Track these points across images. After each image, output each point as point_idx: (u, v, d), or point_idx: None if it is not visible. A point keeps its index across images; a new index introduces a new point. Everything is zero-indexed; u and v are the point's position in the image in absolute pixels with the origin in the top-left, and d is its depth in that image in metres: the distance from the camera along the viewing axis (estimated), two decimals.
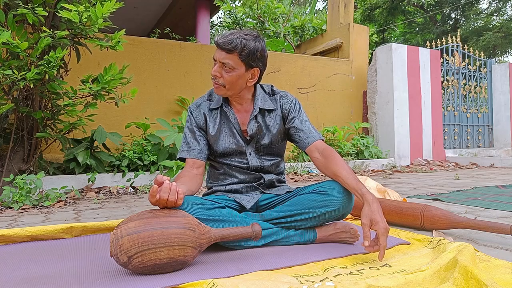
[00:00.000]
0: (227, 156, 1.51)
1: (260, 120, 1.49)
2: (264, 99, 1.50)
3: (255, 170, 1.52)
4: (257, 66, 1.41)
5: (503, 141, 6.96)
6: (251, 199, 1.49)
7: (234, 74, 1.37)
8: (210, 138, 1.51)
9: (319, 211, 1.34)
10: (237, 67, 1.36)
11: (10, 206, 2.46)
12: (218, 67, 1.37)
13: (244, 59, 1.36)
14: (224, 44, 1.33)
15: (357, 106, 5.93)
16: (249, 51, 1.35)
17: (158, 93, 4.41)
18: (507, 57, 19.83)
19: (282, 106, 1.51)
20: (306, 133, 1.47)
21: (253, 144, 1.50)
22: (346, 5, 6.19)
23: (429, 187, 3.22)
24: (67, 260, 1.27)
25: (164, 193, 1.10)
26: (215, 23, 12.70)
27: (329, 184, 1.37)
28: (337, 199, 1.34)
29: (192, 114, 1.51)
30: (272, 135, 1.51)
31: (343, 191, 1.35)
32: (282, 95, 1.54)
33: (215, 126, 1.49)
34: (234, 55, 1.34)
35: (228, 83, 1.38)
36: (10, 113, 2.95)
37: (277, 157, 1.57)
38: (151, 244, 1.06)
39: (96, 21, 2.46)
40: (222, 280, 0.99)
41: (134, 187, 3.25)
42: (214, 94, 1.53)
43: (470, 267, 0.96)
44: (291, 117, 1.50)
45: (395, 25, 17.59)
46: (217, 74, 1.37)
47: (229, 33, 1.37)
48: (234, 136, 1.49)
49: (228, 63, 1.35)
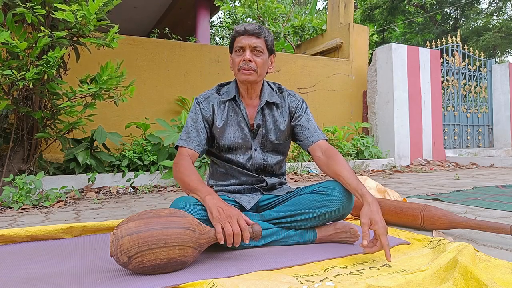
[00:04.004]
0: (232, 151, 1.50)
1: (267, 113, 1.52)
2: (271, 94, 1.54)
3: (258, 170, 1.52)
4: (274, 53, 1.51)
5: (503, 141, 6.96)
6: (251, 200, 1.48)
7: (264, 58, 1.45)
8: (215, 131, 1.50)
9: (319, 211, 1.34)
10: (265, 51, 1.45)
11: (10, 206, 2.46)
12: (249, 52, 1.42)
13: (269, 44, 1.46)
14: (254, 29, 1.42)
15: (357, 106, 5.93)
16: (271, 38, 1.48)
17: (158, 93, 4.41)
18: (507, 57, 19.83)
19: (290, 104, 1.55)
20: (311, 131, 1.50)
21: (259, 139, 1.51)
22: (346, 5, 6.19)
23: (429, 187, 3.22)
24: (67, 260, 1.27)
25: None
26: (215, 23, 12.69)
27: (329, 184, 1.38)
28: (337, 200, 1.34)
29: (200, 104, 1.51)
30: (279, 131, 1.52)
31: (343, 192, 1.35)
32: (290, 93, 1.58)
33: (222, 119, 1.50)
34: (262, 39, 1.43)
35: (260, 66, 1.43)
36: (10, 113, 2.95)
37: (282, 155, 1.57)
38: (151, 244, 1.06)
39: (90, 18, 2.46)
40: (222, 280, 0.99)
41: (134, 187, 3.25)
42: (223, 89, 1.56)
43: (470, 267, 0.96)
44: (297, 115, 1.53)
45: (395, 25, 17.59)
46: (251, 58, 1.42)
47: (249, 23, 1.46)
48: (242, 129, 1.50)
49: (259, 46, 1.42)
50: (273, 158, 1.54)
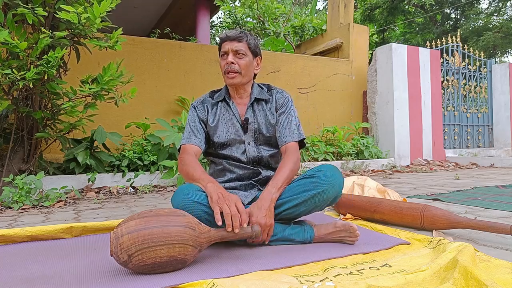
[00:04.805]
0: (227, 147, 1.58)
1: (256, 109, 1.61)
2: (260, 92, 1.64)
3: (253, 162, 1.58)
4: (259, 55, 1.61)
5: (503, 141, 6.96)
6: (249, 195, 1.53)
7: (247, 60, 1.54)
8: (209, 129, 1.60)
9: (307, 194, 1.37)
10: (248, 53, 1.54)
11: (10, 206, 2.46)
12: (232, 55, 1.51)
13: (251, 47, 1.55)
14: (235, 35, 1.52)
15: (357, 106, 5.93)
16: (254, 40, 1.57)
17: (158, 93, 4.41)
18: (507, 57, 19.84)
19: (276, 100, 1.63)
20: (286, 132, 1.56)
21: (251, 134, 1.59)
22: (346, 5, 6.20)
23: (429, 187, 3.22)
24: (67, 260, 1.27)
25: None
26: (215, 23, 12.69)
27: (317, 168, 1.42)
28: (324, 180, 1.36)
29: (196, 108, 1.62)
30: (270, 125, 1.60)
31: (331, 173, 1.38)
32: (278, 90, 1.66)
33: (215, 118, 1.60)
34: (244, 43, 1.53)
35: (243, 68, 1.52)
36: (10, 113, 2.95)
37: (275, 148, 1.62)
38: (151, 242, 1.06)
39: (94, 21, 2.47)
40: (222, 280, 0.99)
41: (134, 187, 3.25)
42: (216, 94, 1.66)
43: (470, 267, 0.96)
44: (280, 111, 1.61)
45: (395, 25, 17.59)
46: (233, 61, 1.51)
47: (232, 29, 1.53)
48: (234, 126, 1.59)
49: (241, 49, 1.52)
50: (267, 150, 1.60)
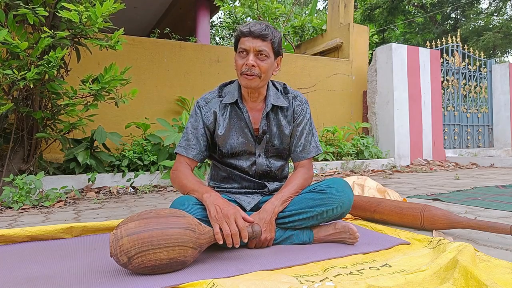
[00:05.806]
0: (235, 157, 1.47)
1: (272, 117, 1.46)
2: (276, 96, 1.47)
3: (261, 176, 1.50)
4: (281, 54, 1.42)
5: (503, 141, 6.96)
6: (251, 201, 1.48)
7: (269, 62, 1.35)
8: (217, 139, 1.45)
9: (317, 210, 1.34)
10: (270, 55, 1.35)
11: (10, 206, 2.46)
12: (253, 56, 1.32)
13: (275, 46, 1.36)
14: (260, 31, 1.31)
15: (357, 106, 5.93)
16: (279, 38, 1.37)
17: (158, 93, 4.41)
18: (507, 57, 19.83)
19: (294, 108, 1.49)
20: (301, 147, 1.49)
21: (263, 145, 1.47)
22: (346, 5, 6.19)
23: (429, 187, 3.22)
24: (67, 260, 1.27)
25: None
26: (215, 23, 12.70)
27: (327, 183, 1.37)
28: (335, 198, 1.33)
29: (201, 110, 1.45)
30: (283, 136, 1.48)
31: (342, 190, 1.34)
32: (295, 95, 1.51)
33: (224, 125, 1.43)
34: (268, 42, 1.33)
35: (264, 71, 1.34)
36: (10, 113, 2.95)
37: (284, 160, 1.55)
38: (151, 244, 1.05)
39: (96, 20, 2.47)
40: (222, 280, 0.99)
41: (134, 187, 3.25)
42: (225, 90, 1.48)
43: (470, 267, 0.96)
44: (298, 121, 1.49)
45: (395, 25, 17.58)
46: (254, 63, 1.32)
47: (256, 22, 1.35)
48: (245, 135, 1.44)
49: (264, 50, 1.32)
50: (276, 163, 1.52)
